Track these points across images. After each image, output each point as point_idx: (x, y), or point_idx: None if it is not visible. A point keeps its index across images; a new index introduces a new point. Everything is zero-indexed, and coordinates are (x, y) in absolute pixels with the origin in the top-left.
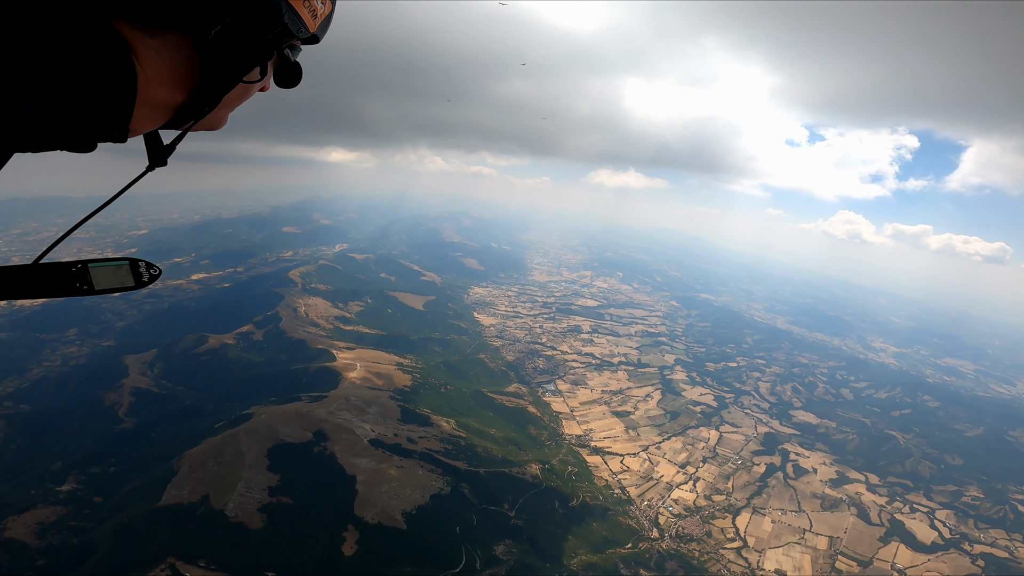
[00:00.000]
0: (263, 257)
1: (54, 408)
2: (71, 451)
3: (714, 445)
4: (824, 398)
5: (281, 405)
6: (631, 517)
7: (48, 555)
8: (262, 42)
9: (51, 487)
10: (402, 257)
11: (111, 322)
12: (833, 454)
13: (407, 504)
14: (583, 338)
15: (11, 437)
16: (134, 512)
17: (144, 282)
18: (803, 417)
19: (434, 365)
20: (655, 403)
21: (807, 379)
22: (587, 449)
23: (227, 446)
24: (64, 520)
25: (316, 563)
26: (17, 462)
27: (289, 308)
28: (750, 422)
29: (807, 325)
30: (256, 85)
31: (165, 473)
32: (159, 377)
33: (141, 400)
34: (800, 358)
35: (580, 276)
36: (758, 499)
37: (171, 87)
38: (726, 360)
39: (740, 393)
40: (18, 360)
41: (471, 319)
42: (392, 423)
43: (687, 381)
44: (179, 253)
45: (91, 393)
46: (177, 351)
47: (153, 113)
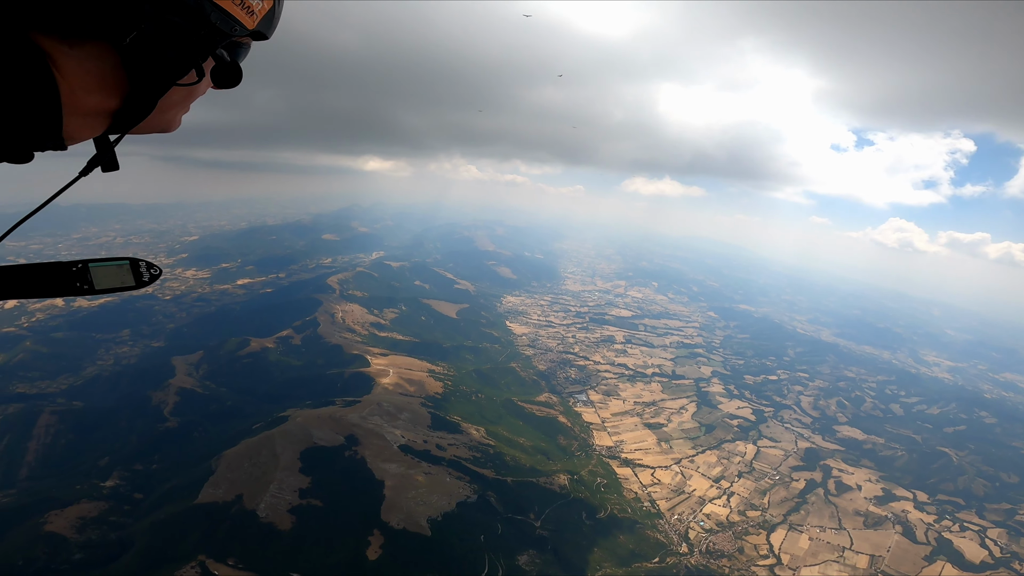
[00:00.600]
0: (304, 263)
1: (105, 405)
2: (118, 447)
3: (751, 460)
4: (872, 413)
5: (316, 409)
6: (660, 531)
7: (86, 549)
8: (190, 44)
9: (96, 483)
10: (436, 265)
11: (162, 324)
12: (880, 471)
13: (433, 510)
14: (616, 348)
15: (62, 433)
16: (171, 509)
17: (144, 282)
18: (848, 432)
19: (466, 373)
20: (690, 416)
21: (854, 394)
22: (617, 461)
23: (263, 447)
24: (105, 515)
25: (340, 566)
26: (67, 457)
27: (327, 314)
28: (790, 437)
29: (854, 338)
30: (197, 87)
31: (203, 472)
32: (204, 378)
33: (186, 400)
34: (847, 372)
35: (614, 286)
36: (795, 516)
37: (102, 94)
38: (766, 373)
39: (780, 407)
40: (74, 359)
41: (503, 328)
42: (422, 429)
43: (724, 394)
44: (226, 259)
45: (140, 392)
46: (221, 353)
47: (89, 121)
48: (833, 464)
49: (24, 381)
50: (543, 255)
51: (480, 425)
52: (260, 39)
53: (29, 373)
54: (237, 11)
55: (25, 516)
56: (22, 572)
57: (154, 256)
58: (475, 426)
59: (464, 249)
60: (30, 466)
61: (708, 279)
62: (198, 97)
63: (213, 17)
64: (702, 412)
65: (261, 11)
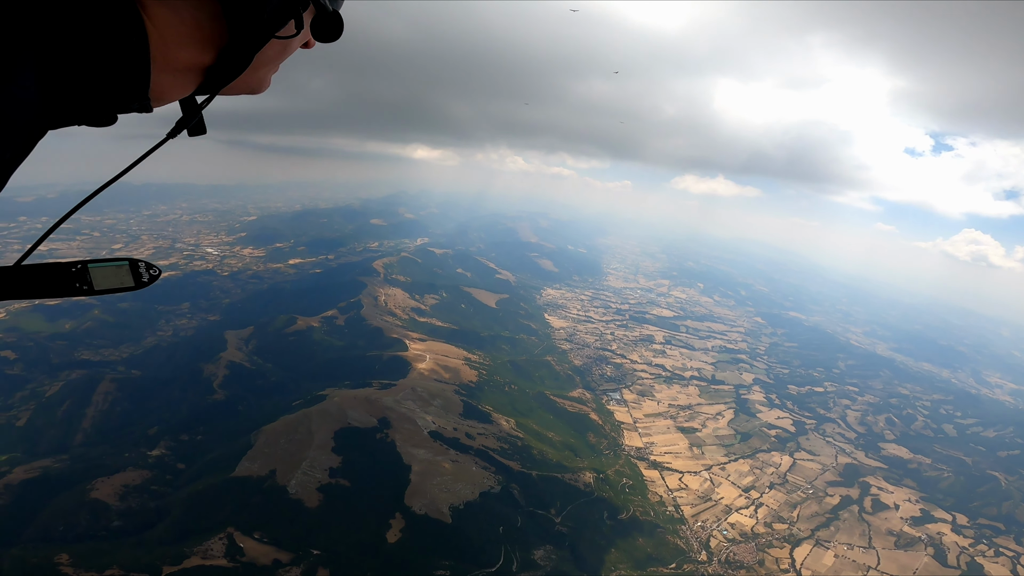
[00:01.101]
0: (352, 246)
1: (161, 375)
2: (168, 417)
3: (785, 471)
4: (922, 432)
5: (353, 390)
6: (680, 537)
7: (125, 517)
8: None
9: (143, 451)
10: (479, 254)
11: (219, 298)
12: (921, 491)
13: (456, 498)
14: (655, 348)
15: (118, 401)
16: (209, 481)
17: (144, 283)
18: (894, 451)
19: (501, 363)
20: (726, 422)
21: (905, 411)
22: (646, 462)
23: (299, 425)
24: (147, 484)
25: (359, 546)
26: (120, 424)
27: (370, 296)
28: (830, 451)
29: (913, 354)
30: (294, 41)
31: (243, 446)
32: (252, 353)
33: (234, 373)
34: (900, 388)
35: (657, 284)
36: (824, 531)
37: (195, 48)
38: (812, 384)
39: (823, 420)
40: (137, 328)
41: (542, 320)
42: (453, 417)
43: (764, 402)
44: (281, 239)
45: (193, 364)
46: (270, 330)
47: (179, 78)
48: (873, 481)
49: (89, 348)
50: (586, 249)
51: (511, 416)
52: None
53: (95, 341)
54: None
55: (74, 482)
56: (62, 536)
57: (215, 234)
58: (505, 417)
59: (507, 240)
60: (85, 432)
61: (757, 283)
62: (291, 54)
63: None
64: (739, 419)
65: None
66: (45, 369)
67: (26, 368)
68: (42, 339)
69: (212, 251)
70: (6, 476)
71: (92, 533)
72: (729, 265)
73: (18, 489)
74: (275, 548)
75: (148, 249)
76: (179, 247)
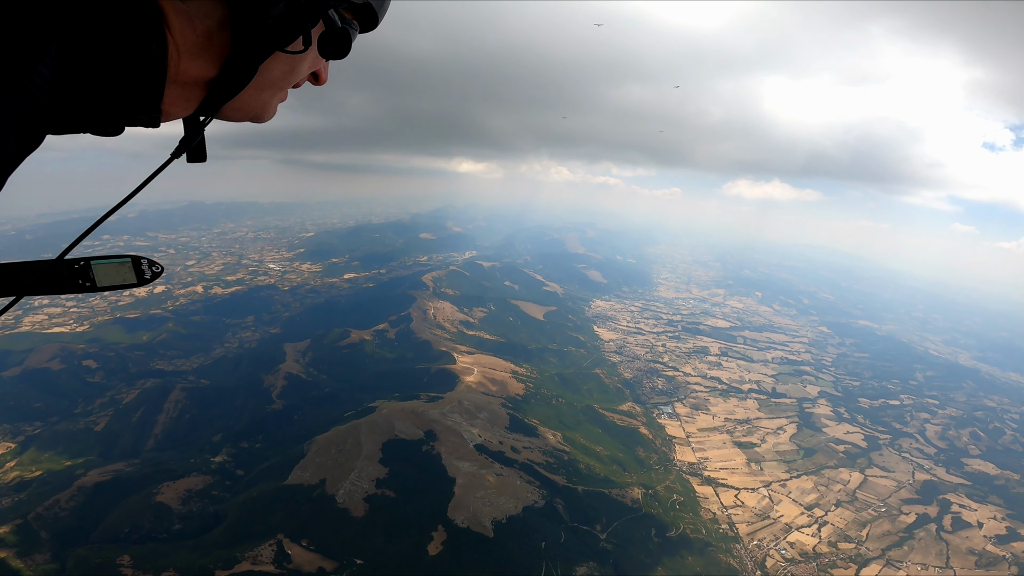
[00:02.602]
0: (402, 261)
1: (226, 385)
2: (231, 425)
3: (854, 489)
4: (1011, 447)
5: (401, 402)
6: (734, 556)
7: (186, 520)
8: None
9: (207, 457)
10: (526, 266)
11: (279, 312)
12: (1008, 508)
13: (499, 512)
14: (710, 361)
15: (187, 408)
16: (263, 487)
17: (147, 279)
18: (979, 466)
19: (548, 376)
20: (787, 437)
21: (992, 425)
22: (699, 479)
23: (349, 435)
24: (208, 489)
25: (400, 557)
26: (189, 431)
27: (420, 310)
28: (906, 467)
29: (1000, 363)
30: (300, 61)
31: (296, 454)
32: (308, 365)
33: (292, 384)
34: (986, 401)
35: (711, 294)
36: (896, 551)
37: (203, 59)
38: (886, 397)
39: (899, 435)
40: (206, 340)
41: (590, 332)
42: (499, 430)
43: (831, 416)
44: (336, 254)
45: (255, 374)
46: (325, 342)
47: (186, 92)
48: (954, 499)
49: (163, 359)
50: (635, 259)
51: (557, 430)
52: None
53: (168, 352)
54: None
55: (142, 486)
56: (127, 538)
57: (277, 250)
58: (552, 431)
59: (554, 251)
60: (156, 438)
61: (821, 291)
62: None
63: None
64: (803, 434)
65: None
66: (123, 378)
67: (106, 376)
68: (122, 349)
69: (274, 267)
70: (81, 479)
71: (154, 535)
72: (789, 272)
73: (91, 491)
74: (320, 556)
75: (218, 265)
76: (245, 263)
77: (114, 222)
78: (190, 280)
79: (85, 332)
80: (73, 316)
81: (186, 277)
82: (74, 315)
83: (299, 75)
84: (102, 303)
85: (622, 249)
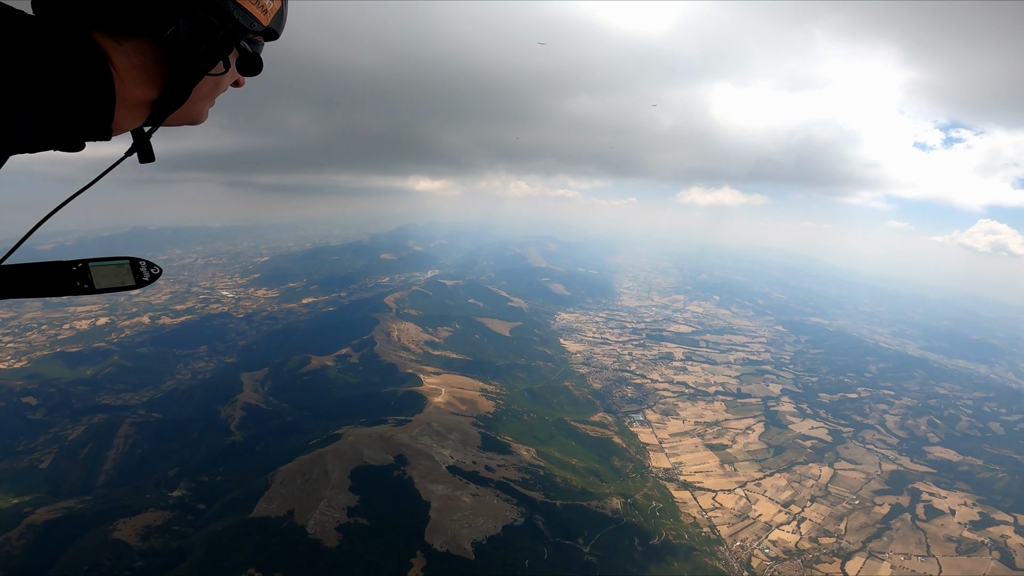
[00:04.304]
0: (363, 282)
1: (180, 418)
2: (188, 458)
3: (826, 483)
4: (969, 433)
5: (368, 427)
6: (719, 558)
7: (147, 557)
8: (218, 38)
9: (164, 492)
10: (490, 283)
11: (235, 341)
12: (977, 494)
13: (478, 533)
14: (675, 366)
15: (138, 443)
16: (228, 522)
17: (145, 281)
18: (941, 454)
19: (518, 392)
20: (757, 436)
21: (947, 412)
22: (675, 484)
23: (315, 464)
24: (168, 525)
25: None
26: (142, 466)
27: (383, 333)
28: (873, 459)
29: (945, 351)
30: (224, 78)
31: (260, 486)
32: (268, 394)
33: (251, 415)
34: (938, 388)
35: (672, 300)
36: (876, 542)
37: (145, 86)
38: (844, 391)
39: (861, 427)
40: (156, 372)
41: (557, 345)
42: (472, 450)
43: (796, 413)
44: (293, 278)
45: (211, 406)
46: (285, 370)
47: (133, 112)
48: (923, 487)
49: (110, 393)
50: (597, 270)
51: (531, 446)
52: (272, 38)
53: (115, 385)
54: (254, 9)
55: (97, 523)
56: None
57: (229, 276)
58: (525, 447)
59: (517, 266)
60: (108, 474)
61: (775, 291)
62: (224, 89)
63: (236, 14)
64: (770, 433)
65: (273, 9)
66: (67, 414)
67: (48, 413)
68: (64, 385)
69: (227, 294)
70: (29, 516)
71: (115, 573)
72: (743, 275)
73: (41, 529)
74: None
75: (165, 294)
76: (195, 291)
77: (51, 249)
78: (135, 311)
79: (23, 368)
80: (10, 352)
81: (131, 308)
82: (11, 350)
83: (224, 87)
84: (40, 337)
85: (584, 261)
